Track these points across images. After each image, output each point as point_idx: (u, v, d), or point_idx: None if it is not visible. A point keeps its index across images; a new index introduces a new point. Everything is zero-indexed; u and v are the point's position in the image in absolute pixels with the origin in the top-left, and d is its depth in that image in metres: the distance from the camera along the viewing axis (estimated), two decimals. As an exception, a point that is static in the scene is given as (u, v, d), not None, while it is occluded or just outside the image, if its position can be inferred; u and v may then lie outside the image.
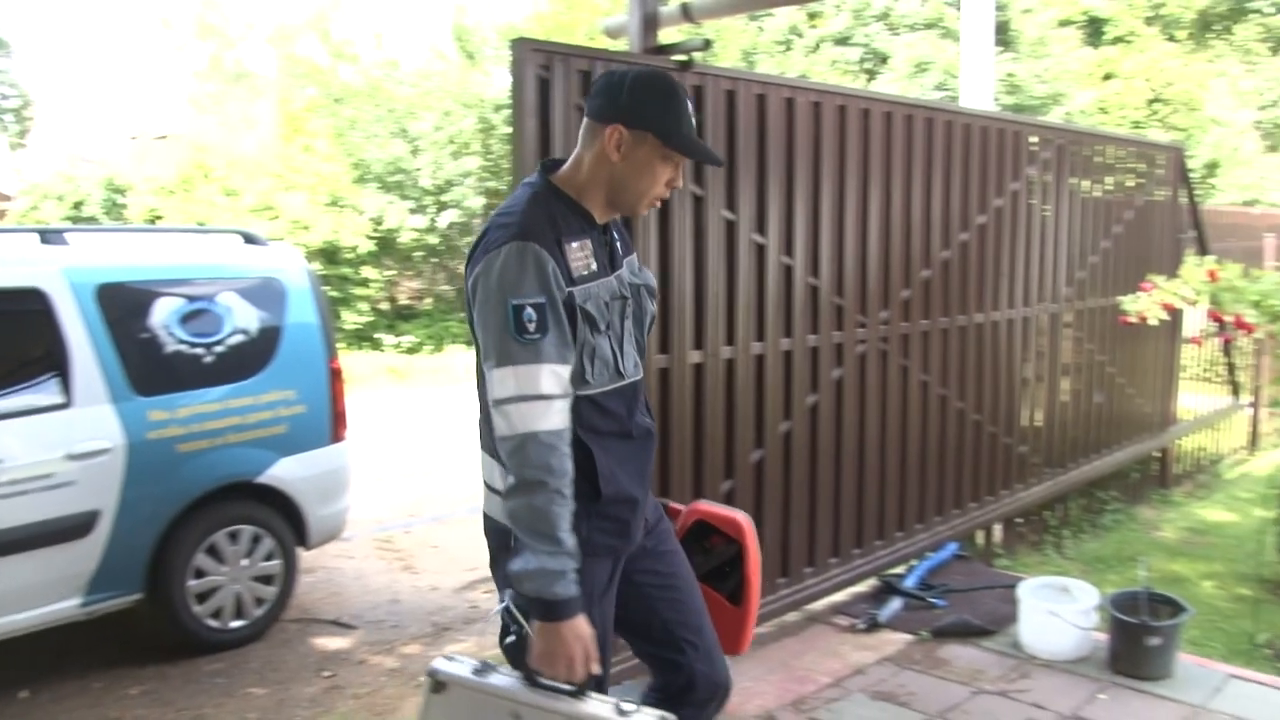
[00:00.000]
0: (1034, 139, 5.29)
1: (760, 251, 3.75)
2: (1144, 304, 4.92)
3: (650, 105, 1.92)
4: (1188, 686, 3.64)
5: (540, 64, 3.03)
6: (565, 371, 1.84)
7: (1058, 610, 3.85)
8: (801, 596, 4.06)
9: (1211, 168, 16.83)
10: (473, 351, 1.98)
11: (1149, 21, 17.76)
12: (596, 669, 1.86)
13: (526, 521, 1.80)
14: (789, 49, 15.93)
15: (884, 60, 15.70)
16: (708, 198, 3.53)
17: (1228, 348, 7.94)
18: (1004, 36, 16.75)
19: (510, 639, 1.92)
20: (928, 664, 3.86)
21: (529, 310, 1.80)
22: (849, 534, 4.27)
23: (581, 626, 1.82)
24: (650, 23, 3.54)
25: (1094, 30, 20.19)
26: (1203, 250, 6.87)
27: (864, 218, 4.19)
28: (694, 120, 1.98)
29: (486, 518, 2.03)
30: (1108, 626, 3.86)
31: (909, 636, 4.06)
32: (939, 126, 4.52)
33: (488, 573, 2.09)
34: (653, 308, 2.14)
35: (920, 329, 4.49)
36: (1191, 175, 7.03)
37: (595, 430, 1.95)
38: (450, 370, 13.22)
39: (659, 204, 2.06)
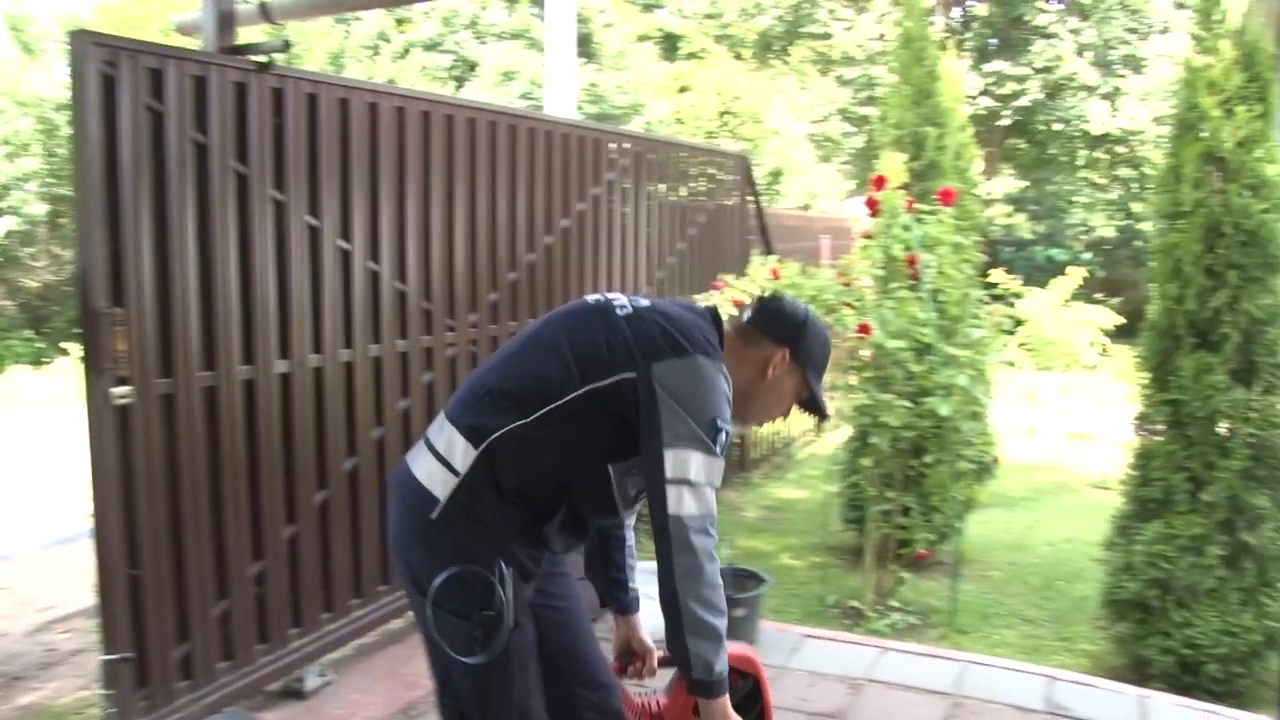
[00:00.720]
0: (613, 146, 5.75)
1: (346, 258, 3.82)
2: (716, 301, 5.53)
3: (815, 349, 2.14)
4: (769, 650, 4.18)
5: (104, 60, 2.92)
6: None
7: (652, 593, 4.25)
8: (406, 603, 4.17)
9: (776, 175, 18.94)
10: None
11: (718, 40, 19.63)
12: None
13: (703, 596, 1.93)
14: (377, 54, 15.92)
15: (473, 68, 16.11)
16: (290, 203, 3.55)
17: None
18: (587, 49, 17.76)
19: (477, 659, 1.95)
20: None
21: (725, 434, 1.93)
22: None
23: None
24: (226, 21, 3.51)
25: (670, 46, 21.96)
26: (767, 250, 7.77)
27: (450, 222, 4.37)
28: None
29: (412, 484, 2.03)
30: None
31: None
32: (522, 133, 4.81)
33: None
34: None
35: (509, 330, 4.75)
36: (758, 182, 7.94)
37: (573, 522, 2.12)
38: (11, 394, 11.77)
39: (759, 426, 2.33)
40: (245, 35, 3.60)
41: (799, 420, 9.09)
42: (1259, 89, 4.27)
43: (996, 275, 11.02)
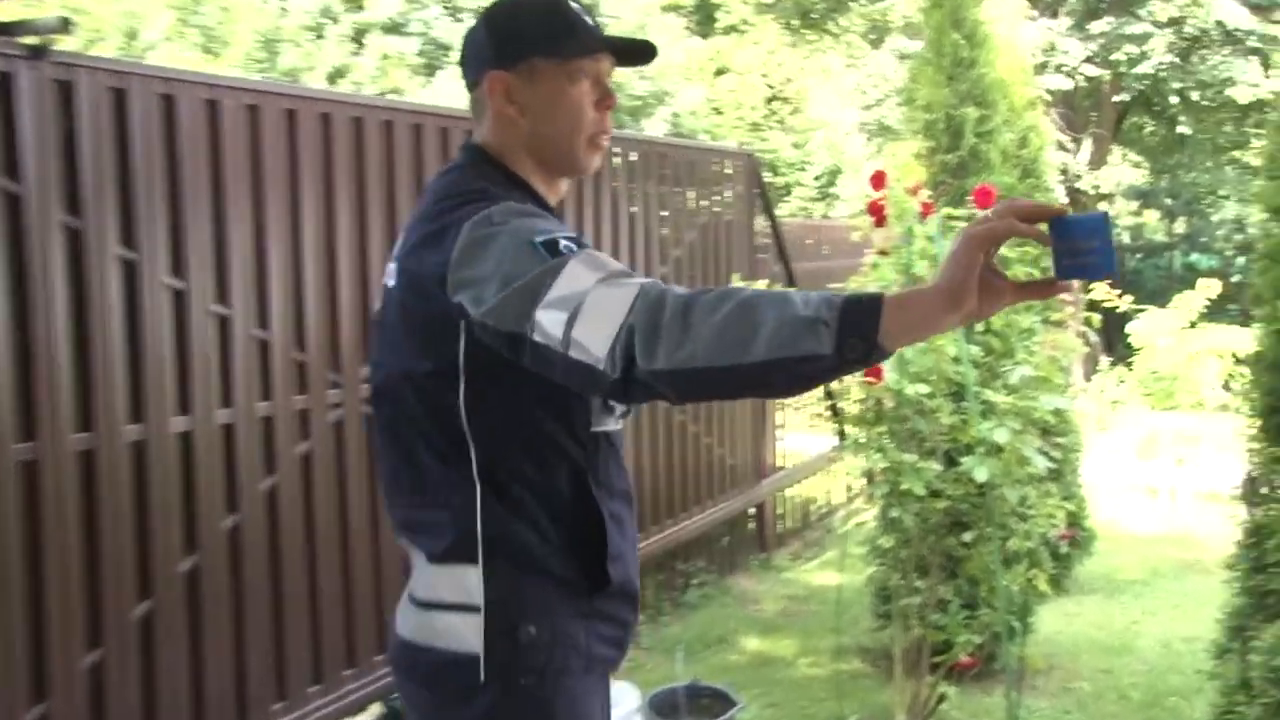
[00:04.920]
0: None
1: (179, 299, 3.71)
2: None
3: (520, 26, 1.94)
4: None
5: None
6: None
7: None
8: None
9: (834, 175, 18.80)
10: None
11: (760, 8, 19.54)
12: None
13: (734, 330, 1.49)
14: (320, 37, 15.91)
15: (447, 51, 16.08)
16: (89, 230, 3.44)
17: None
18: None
19: None
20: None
21: (562, 240, 1.69)
22: (335, 653, 4.28)
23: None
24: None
25: (705, 17, 21.94)
26: (787, 272, 7.61)
27: (331, 250, 4.27)
28: (586, 15, 1.94)
29: (422, 654, 1.92)
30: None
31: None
32: (430, 133, 4.70)
33: None
34: None
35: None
36: (812, 185, 7.80)
37: (609, 487, 1.94)
38: None
39: (604, 142, 2.01)
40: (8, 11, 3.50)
41: (838, 483, 8.87)
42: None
43: (1100, 290, 10.67)
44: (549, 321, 1.58)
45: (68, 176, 3.41)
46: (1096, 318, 6.69)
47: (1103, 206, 17.37)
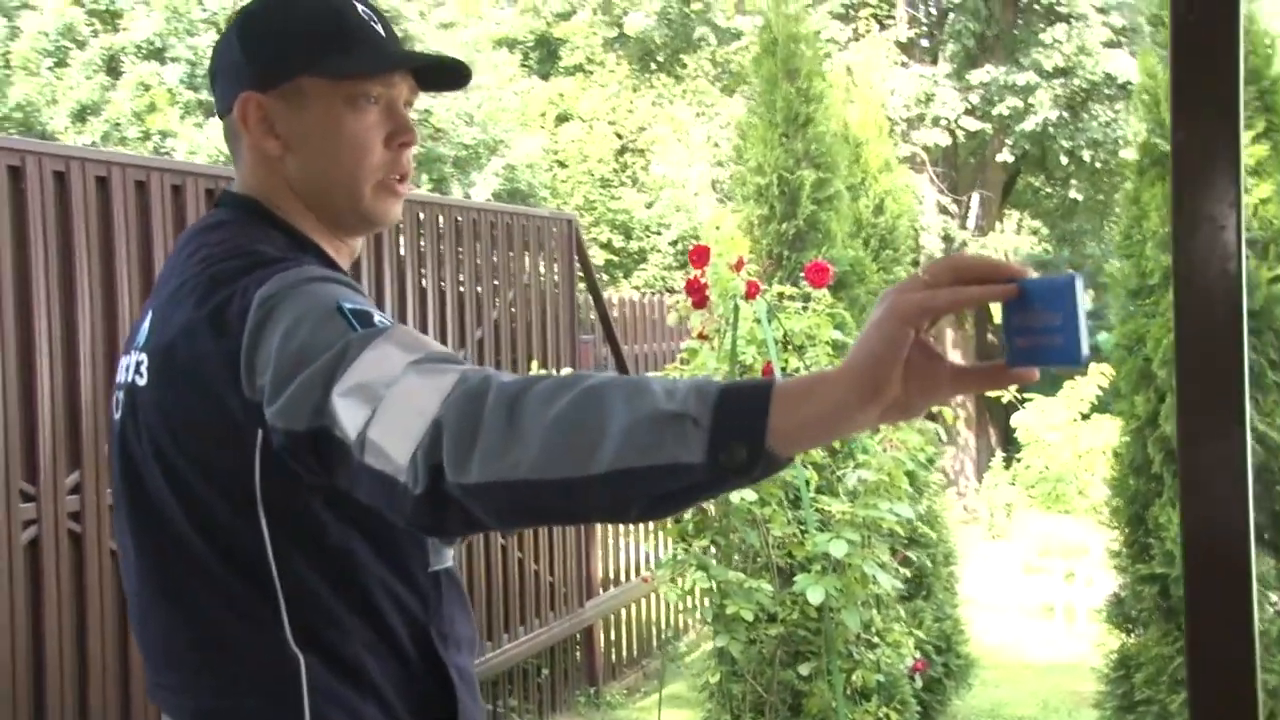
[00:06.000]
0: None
1: None
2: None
3: (281, 32, 1.70)
4: None
5: None
6: None
7: None
8: None
9: (695, 239, 18.93)
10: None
11: (608, 46, 19.78)
12: None
13: (567, 435, 1.27)
14: (62, 64, 15.42)
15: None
16: None
17: None
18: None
19: None
20: None
21: (376, 314, 1.48)
22: None
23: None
24: None
25: (546, 55, 22.08)
26: (615, 351, 7.61)
27: (27, 329, 4.14)
28: (376, 23, 1.72)
29: None
30: None
31: None
32: (156, 189, 4.60)
33: None
34: None
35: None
36: (674, 250, 7.82)
37: (454, 639, 1.73)
38: None
39: (402, 188, 1.76)
40: None
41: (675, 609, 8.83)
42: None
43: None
44: (345, 414, 1.36)
45: None
46: (949, 412, 6.72)
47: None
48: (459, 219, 6.49)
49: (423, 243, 6.17)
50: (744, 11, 17.86)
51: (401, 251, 6.00)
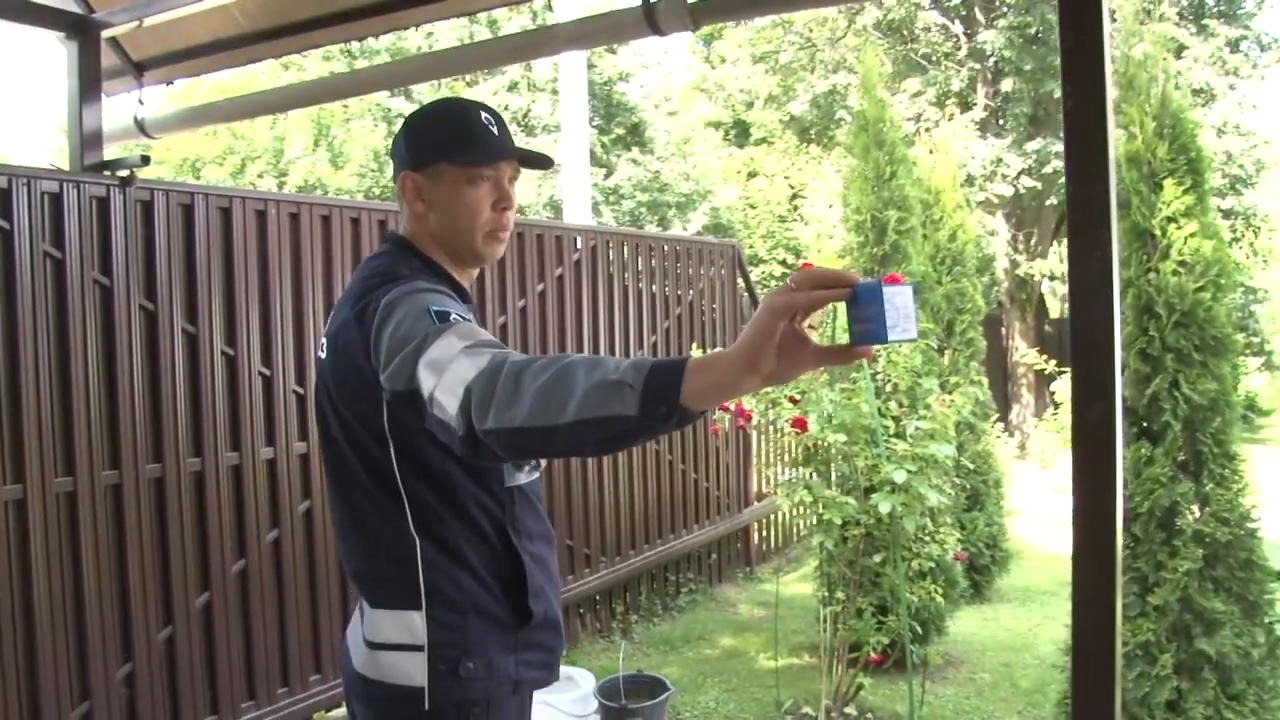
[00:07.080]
0: (579, 240, 5.82)
1: (231, 363, 3.90)
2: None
3: (429, 134, 1.85)
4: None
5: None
6: None
7: (552, 700, 4.15)
8: (305, 706, 4.15)
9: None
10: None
11: (783, 125, 19.71)
12: None
13: (547, 398, 1.32)
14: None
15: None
16: (159, 310, 3.65)
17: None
18: (639, 137, 18.04)
19: None
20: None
21: (453, 313, 1.57)
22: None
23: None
24: (93, 140, 3.66)
25: (742, 132, 22.13)
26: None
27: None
28: (494, 127, 1.84)
29: (373, 686, 1.79)
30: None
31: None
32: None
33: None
34: None
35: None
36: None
37: (527, 533, 1.84)
38: None
39: (503, 236, 1.89)
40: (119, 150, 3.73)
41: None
42: (1187, 162, 4.05)
43: (1031, 356, 10.83)
44: (424, 381, 1.46)
45: (146, 272, 3.63)
46: (985, 381, 6.68)
47: (1045, 287, 17.23)
48: (651, 246, 6.65)
49: (626, 260, 6.35)
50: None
51: (610, 269, 6.18)
